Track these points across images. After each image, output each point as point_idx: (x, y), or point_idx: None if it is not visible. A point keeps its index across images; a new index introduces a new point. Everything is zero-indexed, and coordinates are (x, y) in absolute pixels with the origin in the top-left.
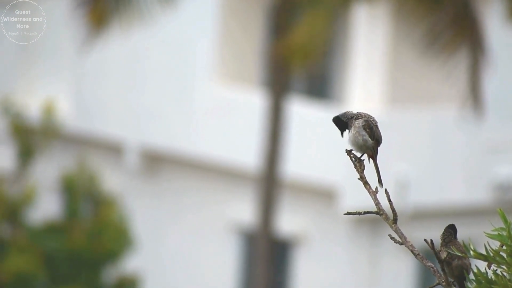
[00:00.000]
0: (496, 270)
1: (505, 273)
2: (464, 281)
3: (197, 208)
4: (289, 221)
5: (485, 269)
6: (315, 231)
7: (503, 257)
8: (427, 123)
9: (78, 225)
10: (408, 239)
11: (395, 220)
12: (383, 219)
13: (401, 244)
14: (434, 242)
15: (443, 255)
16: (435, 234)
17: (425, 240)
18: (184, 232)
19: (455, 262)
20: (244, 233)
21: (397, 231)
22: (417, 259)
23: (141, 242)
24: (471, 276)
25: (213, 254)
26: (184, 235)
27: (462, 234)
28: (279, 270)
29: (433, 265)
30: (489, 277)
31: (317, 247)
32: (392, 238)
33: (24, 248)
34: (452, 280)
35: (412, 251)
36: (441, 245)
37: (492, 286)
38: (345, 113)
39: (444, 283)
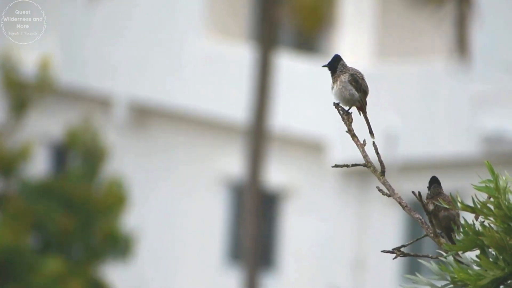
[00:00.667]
0: (484, 221)
1: (492, 225)
2: (452, 233)
3: (186, 161)
4: (277, 173)
5: (473, 221)
6: (303, 184)
7: (490, 209)
8: (415, 76)
9: (75, 183)
10: (396, 191)
11: (383, 172)
12: (371, 171)
13: (389, 196)
14: (421, 194)
15: (431, 207)
16: (423, 186)
17: (413, 192)
18: (173, 185)
19: (442, 213)
20: (233, 186)
21: (385, 183)
22: (405, 211)
23: (132, 197)
24: (459, 227)
25: (202, 207)
26: (173, 188)
27: (450, 187)
28: (268, 222)
29: (420, 217)
30: (477, 229)
31: (305, 200)
32: (380, 190)
33: (15, 216)
34: (439, 232)
35: (400, 203)
36: (428, 197)
37: (480, 237)
38: (337, 57)
39: (432, 235)
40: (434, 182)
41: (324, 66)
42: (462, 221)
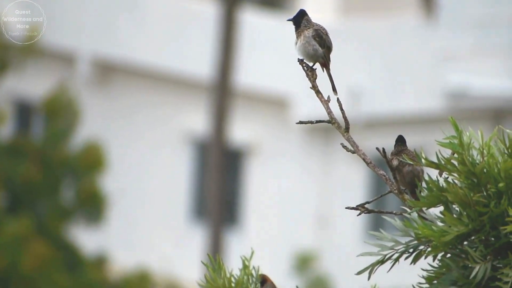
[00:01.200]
0: (448, 178)
1: (456, 181)
2: (416, 189)
3: (151, 118)
4: (242, 130)
5: (437, 177)
6: (267, 140)
7: (454, 165)
8: (380, 32)
9: (49, 143)
10: (360, 148)
11: (347, 128)
12: (335, 127)
13: (353, 152)
14: (385, 150)
15: (395, 163)
16: (387, 142)
17: (377, 148)
18: (138, 142)
19: (406, 169)
20: (197, 142)
21: (349, 139)
22: (369, 167)
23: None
24: (423, 183)
25: (166, 164)
26: (138, 145)
27: (414, 143)
28: (232, 179)
29: (385, 173)
30: (441, 185)
31: (269, 156)
32: (344, 146)
33: None
34: (404, 188)
35: (364, 159)
36: (392, 154)
37: (443, 193)
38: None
39: (396, 191)
40: (400, 141)
41: (288, 20)
42: (426, 177)
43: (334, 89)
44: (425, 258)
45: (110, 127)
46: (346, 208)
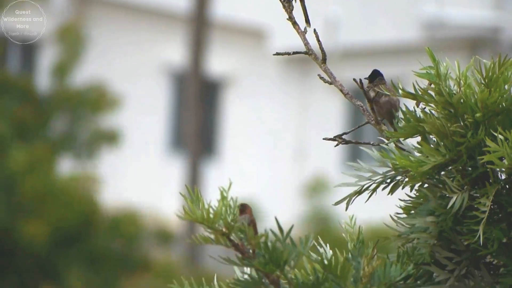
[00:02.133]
0: (425, 108)
1: (433, 111)
2: (393, 119)
3: (128, 50)
4: (219, 62)
5: (414, 107)
6: (245, 72)
7: (431, 96)
8: None
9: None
10: (337, 79)
11: (324, 60)
12: (312, 59)
13: (330, 83)
14: (362, 81)
15: (372, 93)
16: (364, 73)
17: (354, 79)
18: (114, 74)
19: (383, 99)
20: (175, 74)
21: (326, 70)
22: (346, 98)
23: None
24: (400, 114)
25: (145, 96)
26: (114, 78)
27: (390, 73)
28: (210, 110)
29: (362, 104)
30: (418, 116)
31: (247, 87)
32: (321, 78)
33: None
34: (381, 119)
35: (341, 90)
36: (369, 85)
37: (421, 124)
38: None
39: (373, 122)
40: (376, 74)
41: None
42: (403, 108)
43: (307, 21)
44: (403, 188)
45: (88, 59)
46: (323, 139)
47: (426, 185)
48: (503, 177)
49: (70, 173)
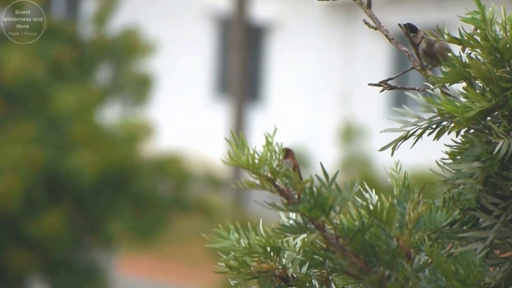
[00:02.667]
0: (470, 53)
1: (479, 57)
2: (439, 65)
3: None
4: (264, 6)
5: (459, 52)
6: (290, 17)
7: (477, 41)
8: None
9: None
10: (382, 24)
11: (369, 4)
12: (357, 4)
13: (376, 29)
14: (408, 26)
15: (417, 39)
16: (410, 18)
17: (399, 24)
18: (159, 21)
19: (436, 46)
20: (220, 19)
21: (371, 16)
22: (392, 43)
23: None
24: (446, 60)
25: (188, 42)
26: (159, 25)
27: (435, 19)
28: (254, 55)
29: (407, 50)
30: (463, 61)
31: (292, 33)
32: (366, 23)
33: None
34: (426, 64)
35: (386, 35)
36: (414, 35)
37: (466, 69)
38: None
39: (419, 67)
40: (411, 28)
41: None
42: (449, 54)
43: None
44: (448, 134)
45: (133, 8)
46: (368, 84)
47: (472, 131)
48: None
49: (115, 119)
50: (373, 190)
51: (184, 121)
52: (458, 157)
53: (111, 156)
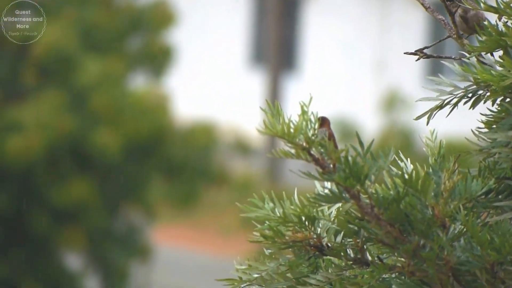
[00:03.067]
0: (507, 22)
1: None
2: (475, 33)
3: None
4: None
5: (496, 21)
6: None
7: None
8: None
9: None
10: None
11: None
12: None
13: None
14: None
15: (454, 7)
16: None
17: None
18: None
19: (471, 13)
20: None
21: None
22: (428, 12)
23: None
24: (482, 28)
25: (225, 11)
26: None
27: None
28: (290, 24)
29: (443, 18)
30: (500, 29)
31: (327, 1)
32: None
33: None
34: (462, 33)
35: (422, 4)
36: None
37: (503, 38)
38: None
39: (455, 36)
40: None
41: None
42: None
43: None
44: (484, 102)
45: None
46: (404, 53)
47: (507, 100)
48: None
49: (144, 87)
50: (408, 159)
51: (220, 90)
52: (494, 126)
53: (136, 128)
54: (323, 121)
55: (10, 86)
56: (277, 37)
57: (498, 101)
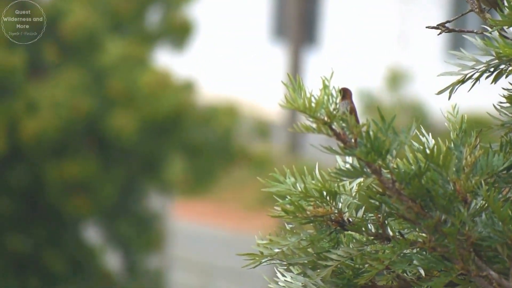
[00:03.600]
0: None
1: None
2: (498, 7)
3: None
4: None
5: None
6: None
7: None
8: None
9: None
10: None
11: None
12: None
13: None
14: None
15: None
16: None
17: None
18: None
19: None
20: None
21: None
22: None
23: None
24: (505, 2)
25: None
26: None
27: None
28: (311, 1)
29: None
30: None
31: None
32: None
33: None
34: (484, 7)
35: None
36: None
37: None
38: None
39: (477, 10)
40: None
41: None
42: None
43: None
44: (506, 77)
45: None
46: (426, 27)
47: None
48: None
49: (163, 66)
50: (429, 134)
51: (241, 64)
52: None
53: (153, 109)
54: (345, 93)
55: (33, 64)
56: (298, 11)
57: None
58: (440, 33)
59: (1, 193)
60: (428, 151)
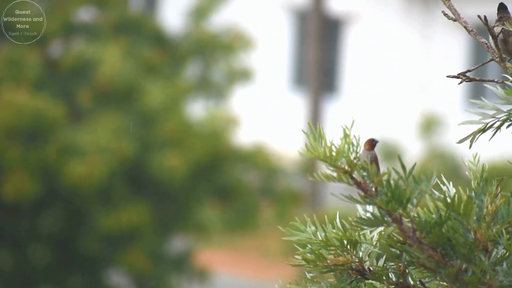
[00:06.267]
0: None
1: None
2: None
3: None
4: None
5: None
6: (366, 8)
7: None
8: None
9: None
10: (461, 15)
11: None
12: None
13: (454, 20)
14: (487, 18)
15: (497, 30)
16: (489, 10)
17: (478, 16)
18: (239, 12)
19: (511, 37)
20: (297, 11)
21: (450, 7)
22: (470, 35)
23: None
24: None
25: (266, 33)
26: (239, 16)
27: None
28: (331, 47)
29: (486, 41)
30: None
31: (369, 24)
32: (445, 14)
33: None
34: (505, 56)
35: (465, 27)
36: (496, 21)
37: None
38: None
39: (498, 59)
40: (501, 8)
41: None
42: None
43: None
44: None
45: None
46: (447, 76)
47: None
48: None
49: (204, 113)
50: (450, 182)
51: (263, 113)
52: None
53: (200, 153)
54: (369, 143)
55: (66, 107)
56: (318, 60)
57: None
58: (461, 82)
59: (35, 239)
60: (449, 200)
